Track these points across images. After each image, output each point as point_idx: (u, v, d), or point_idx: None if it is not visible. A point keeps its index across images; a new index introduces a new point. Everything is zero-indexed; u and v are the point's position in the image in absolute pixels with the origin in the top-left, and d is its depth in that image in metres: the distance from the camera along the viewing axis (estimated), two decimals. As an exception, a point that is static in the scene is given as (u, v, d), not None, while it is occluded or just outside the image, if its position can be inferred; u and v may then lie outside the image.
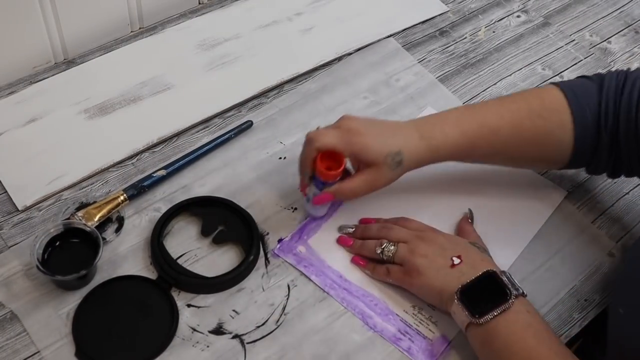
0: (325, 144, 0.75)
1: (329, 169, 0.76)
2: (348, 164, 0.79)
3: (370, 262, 0.79)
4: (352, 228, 0.82)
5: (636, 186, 0.92)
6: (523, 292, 0.71)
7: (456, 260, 0.73)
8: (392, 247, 0.77)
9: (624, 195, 0.91)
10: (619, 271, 0.82)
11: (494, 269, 0.72)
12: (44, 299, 0.75)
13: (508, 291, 0.70)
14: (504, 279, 0.71)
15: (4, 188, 0.83)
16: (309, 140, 0.76)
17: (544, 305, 0.80)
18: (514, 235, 0.84)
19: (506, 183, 0.89)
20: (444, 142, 0.77)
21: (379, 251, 0.78)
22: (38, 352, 0.71)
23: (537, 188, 0.89)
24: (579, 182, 0.92)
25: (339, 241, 0.82)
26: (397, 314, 0.77)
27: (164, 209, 0.82)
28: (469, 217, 0.84)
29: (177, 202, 0.83)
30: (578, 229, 0.87)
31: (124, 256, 0.79)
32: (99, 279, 0.76)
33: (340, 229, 0.83)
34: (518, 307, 0.69)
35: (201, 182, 0.86)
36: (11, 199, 0.82)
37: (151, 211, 0.83)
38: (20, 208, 0.81)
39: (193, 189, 0.85)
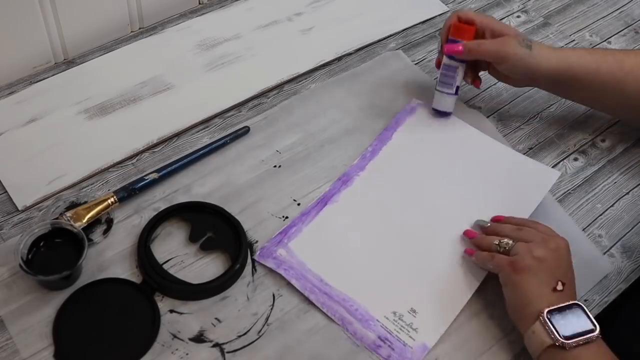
0: (465, 12, 0.88)
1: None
2: None
3: (477, 250, 0.79)
4: (488, 224, 0.81)
5: (636, 186, 0.92)
6: (602, 334, 0.69)
7: (559, 287, 0.71)
8: (511, 242, 0.75)
9: (624, 195, 0.91)
10: None
11: (582, 304, 0.71)
12: (34, 303, 0.74)
13: (594, 325, 0.69)
14: (590, 314, 0.70)
15: (4, 188, 0.83)
16: (451, 15, 0.88)
17: (544, 305, 0.80)
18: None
19: (499, 170, 0.88)
20: (572, 53, 0.87)
21: (496, 242, 0.76)
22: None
23: (529, 171, 0.88)
24: (579, 182, 0.92)
25: (466, 233, 0.81)
26: (377, 320, 0.75)
27: (163, 208, 0.82)
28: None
29: (176, 202, 0.83)
30: (578, 229, 0.87)
31: (115, 258, 0.78)
32: (85, 280, 0.75)
33: (477, 222, 0.82)
34: (600, 342, 0.68)
35: (197, 184, 0.86)
36: (11, 199, 0.82)
37: (151, 211, 0.82)
38: (20, 208, 0.81)
39: (189, 190, 0.85)
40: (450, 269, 0.79)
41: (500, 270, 0.75)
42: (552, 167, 0.92)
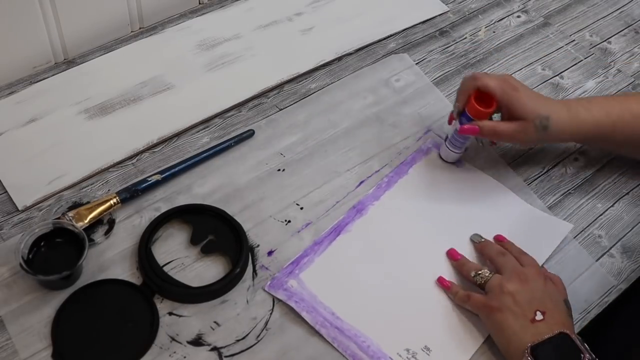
0: (485, 84, 0.80)
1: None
2: (495, 116, 0.84)
3: (455, 286, 0.77)
4: (482, 240, 0.81)
5: (636, 186, 0.92)
6: (594, 357, 0.68)
7: (539, 316, 0.70)
8: (488, 275, 0.75)
9: (624, 195, 0.91)
10: None
11: (568, 332, 0.69)
12: (34, 302, 0.74)
13: (582, 355, 0.67)
14: (577, 341, 0.68)
15: (4, 188, 0.83)
16: (472, 77, 0.82)
17: (544, 305, 0.79)
18: None
19: (511, 219, 0.86)
20: (588, 119, 0.82)
21: (473, 274, 0.76)
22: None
23: (541, 225, 0.86)
24: (579, 182, 0.92)
25: (449, 252, 0.80)
26: (389, 357, 0.73)
27: (164, 209, 0.82)
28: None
29: (176, 203, 0.82)
30: (578, 229, 0.87)
31: (115, 259, 0.78)
32: (85, 280, 0.75)
33: (474, 236, 0.82)
34: None
35: (198, 184, 0.86)
36: (11, 199, 0.82)
37: (151, 211, 0.82)
38: (20, 208, 0.81)
39: (190, 190, 0.85)
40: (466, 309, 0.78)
41: (477, 312, 0.75)
42: (552, 167, 0.93)
